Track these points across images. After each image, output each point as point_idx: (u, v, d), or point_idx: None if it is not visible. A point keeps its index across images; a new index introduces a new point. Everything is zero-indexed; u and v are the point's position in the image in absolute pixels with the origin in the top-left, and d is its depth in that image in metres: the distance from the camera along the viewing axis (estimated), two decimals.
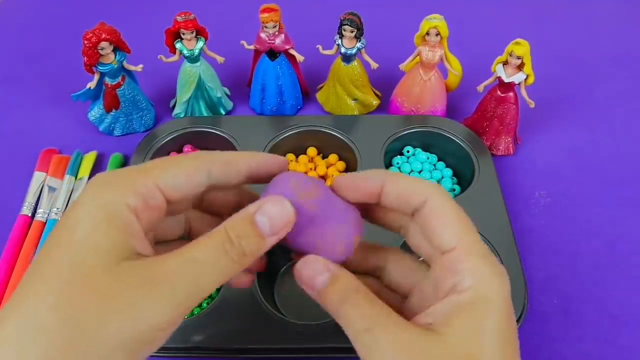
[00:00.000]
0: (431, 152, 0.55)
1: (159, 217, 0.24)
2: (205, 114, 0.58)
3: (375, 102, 0.60)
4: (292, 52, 0.55)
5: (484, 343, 0.21)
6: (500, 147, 0.55)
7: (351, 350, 0.24)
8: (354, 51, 0.54)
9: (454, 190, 0.52)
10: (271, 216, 0.23)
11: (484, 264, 0.23)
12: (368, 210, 0.28)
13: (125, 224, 0.21)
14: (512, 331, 0.23)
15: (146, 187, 0.23)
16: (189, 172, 0.24)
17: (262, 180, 0.27)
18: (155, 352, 0.22)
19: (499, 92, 0.53)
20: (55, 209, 0.49)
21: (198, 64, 0.55)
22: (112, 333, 0.19)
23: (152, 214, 0.23)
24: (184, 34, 0.53)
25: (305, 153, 0.55)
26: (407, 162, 0.54)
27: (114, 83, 0.54)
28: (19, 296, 0.20)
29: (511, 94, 0.52)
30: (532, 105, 0.53)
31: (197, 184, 0.24)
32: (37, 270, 0.21)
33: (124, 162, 0.55)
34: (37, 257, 0.21)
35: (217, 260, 0.22)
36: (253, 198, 0.27)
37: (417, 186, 0.25)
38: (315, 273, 0.24)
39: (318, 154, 0.55)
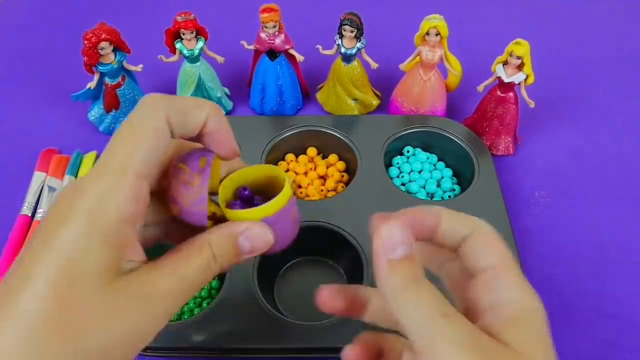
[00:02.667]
0: (431, 152, 0.55)
1: (145, 207, 0.24)
2: None
3: (375, 102, 0.60)
4: (292, 52, 0.55)
5: (539, 348, 0.23)
6: (500, 147, 0.55)
7: None
8: (354, 51, 0.54)
9: (453, 190, 0.52)
10: (254, 241, 0.25)
11: (524, 280, 0.25)
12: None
13: (118, 238, 0.22)
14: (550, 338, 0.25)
15: (135, 194, 0.23)
16: (150, 129, 0.23)
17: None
18: (156, 352, 0.22)
19: (499, 92, 0.53)
20: None
21: (198, 64, 0.55)
22: (110, 346, 0.21)
23: (141, 209, 0.23)
24: (184, 34, 0.53)
25: (305, 153, 0.55)
26: (407, 162, 0.54)
27: (114, 83, 0.54)
28: (9, 303, 0.20)
29: (511, 94, 0.52)
30: (532, 105, 0.53)
31: (162, 138, 0.24)
32: (28, 284, 0.20)
33: None
34: (25, 261, 0.21)
35: (203, 276, 0.24)
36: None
37: (467, 217, 0.26)
38: (398, 242, 0.23)
39: (318, 154, 0.55)
